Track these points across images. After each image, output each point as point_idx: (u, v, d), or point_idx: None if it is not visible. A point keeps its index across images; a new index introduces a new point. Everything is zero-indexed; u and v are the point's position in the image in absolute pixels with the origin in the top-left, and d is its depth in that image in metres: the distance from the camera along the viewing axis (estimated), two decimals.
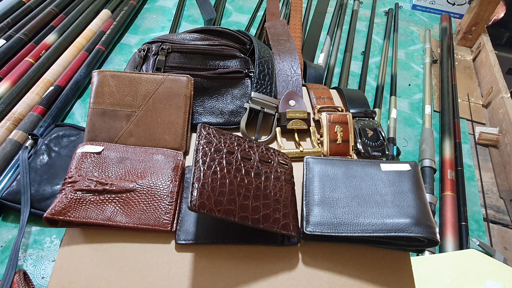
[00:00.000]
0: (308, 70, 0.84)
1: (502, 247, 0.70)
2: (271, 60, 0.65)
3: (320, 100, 0.64)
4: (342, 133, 0.58)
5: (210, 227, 0.46)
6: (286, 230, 0.44)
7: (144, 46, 0.62)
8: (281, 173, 0.49)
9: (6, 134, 0.73)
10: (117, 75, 0.55)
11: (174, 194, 0.48)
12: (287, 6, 1.19)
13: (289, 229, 0.44)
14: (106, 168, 0.48)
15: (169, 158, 0.51)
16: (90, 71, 0.90)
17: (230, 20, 1.18)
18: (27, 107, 0.79)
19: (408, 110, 0.96)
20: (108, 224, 0.44)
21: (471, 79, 1.09)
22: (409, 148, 0.86)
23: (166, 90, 0.55)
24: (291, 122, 0.59)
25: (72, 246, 0.44)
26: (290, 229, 0.44)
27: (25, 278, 0.52)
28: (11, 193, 0.61)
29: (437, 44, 1.18)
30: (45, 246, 0.59)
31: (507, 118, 0.91)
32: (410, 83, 1.04)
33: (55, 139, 0.69)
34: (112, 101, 0.54)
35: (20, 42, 0.94)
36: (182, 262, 0.44)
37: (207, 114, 0.60)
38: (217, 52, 0.62)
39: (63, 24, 1.02)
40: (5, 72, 0.86)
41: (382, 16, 1.29)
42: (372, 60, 1.09)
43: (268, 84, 0.61)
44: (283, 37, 0.74)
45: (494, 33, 1.34)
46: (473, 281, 0.57)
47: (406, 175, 0.49)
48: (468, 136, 0.92)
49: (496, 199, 0.79)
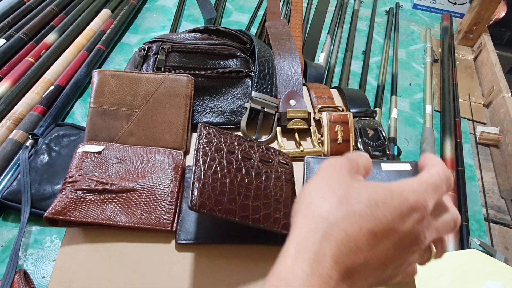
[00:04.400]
0: (309, 69, 0.84)
1: (503, 247, 0.70)
2: (272, 60, 0.64)
3: (320, 100, 0.64)
4: (343, 133, 0.58)
5: (210, 226, 0.46)
6: (287, 230, 0.43)
7: (144, 45, 0.62)
8: (282, 173, 0.49)
9: (6, 133, 0.73)
10: (117, 75, 0.55)
11: (174, 193, 0.47)
12: (287, 6, 1.19)
13: (290, 229, 0.44)
14: (106, 167, 0.48)
15: (169, 158, 0.51)
16: (91, 71, 0.90)
17: (231, 20, 1.17)
18: (27, 106, 0.79)
19: (408, 110, 0.96)
20: (109, 223, 0.44)
21: (472, 78, 1.09)
22: (410, 148, 0.86)
23: (166, 89, 0.55)
24: (291, 122, 0.59)
25: (73, 245, 0.44)
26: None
27: (26, 278, 0.52)
28: (12, 193, 0.61)
29: (438, 44, 1.18)
30: (46, 246, 0.59)
31: (508, 117, 0.90)
32: (411, 83, 1.04)
33: (56, 138, 0.69)
34: (113, 101, 0.54)
35: (20, 42, 0.94)
36: (183, 261, 0.44)
37: (208, 114, 0.60)
38: (217, 52, 0.62)
39: (64, 24, 1.02)
40: (5, 71, 0.86)
41: (382, 15, 1.29)
42: (373, 60, 1.09)
43: (269, 84, 0.61)
44: (283, 37, 0.73)
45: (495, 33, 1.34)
46: (474, 281, 0.57)
47: (407, 175, 0.49)
48: (469, 136, 0.92)
49: (497, 199, 0.79)
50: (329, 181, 0.28)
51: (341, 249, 0.24)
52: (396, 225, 0.25)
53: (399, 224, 0.25)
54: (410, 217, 0.26)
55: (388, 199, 0.26)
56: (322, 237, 0.25)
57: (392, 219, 0.25)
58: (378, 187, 0.27)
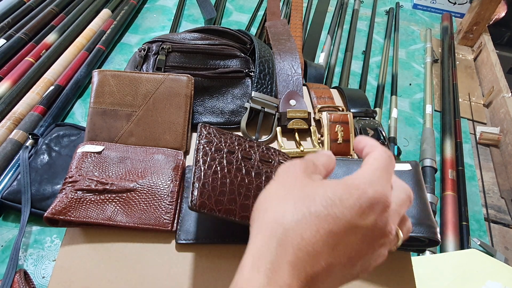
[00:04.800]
0: (309, 69, 0.84)
1: (503, 247, 0.70)
2: (272, 60, 0.64)
3: (320, 100, 0.64)
4: (343, 133, 0.58)
5: (210, 226, 0.46)
6: None
7: (144, 45, 0.62)
8: None
9: (6, 133, 0.73)
10: (118, 75, 0.55)
11: (174, 193, 0.47)
12: (287, 6, 1.19)
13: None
14: (106, 167, 0.48)
15: (169, 158, 0.51)
16: (91, 71, 0.90)
17: (231, 20, 1.18)
18: (27, 106, 0.79)
19: (409, 110, 0.96)
20: (109, 223, 0.44)
21: (472, 78, 1.09)
22: (410, 148, 0.86)
23: (166, 89, 0.55)
24: (291, 122, 0.59)
25: (73, 245, 0.44)
26: None
27: (26, 278, 0.52)
28: (12, 193, 0.61)
29: (438, 44, 1.18)
30: (46, 246, 0.59)
31: (508, 117, 0.90)
32: (411, 83, 1.04)
33: (56, 138, 0.69)
34: (113, 101, 0.54)
35: (21, 42, 0.94)
36: (183, 261, 0.44)
37: (208, 114, 0.60)
38: (217, 52, 0.62)
39: (64, 24, 1.02)
40: (5, 71, 0.86)
41: (383, 15, 1.29)
42: (373, 60, 1.09)
43: (269, 84, 0.61)
44: (283, 37, 0.73)
45: (495, 33, 1.34)
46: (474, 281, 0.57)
47: (407, 175, 0.49)
48: (469, 136, 0.92)
49: (497, 199, 0.79)
50: (284, 184, 0.27)
51: (298, 255, 0.23)
52: (357, 221, 0.24)
53: (360, 220, 0.24)
54: (371, 211, 0.24)
55: (345, 195, 0.24)
56: (278, 244, 0.23)
57: (351, 216, 0.24)
58: (333, 184, 0.25)
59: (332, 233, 0.23)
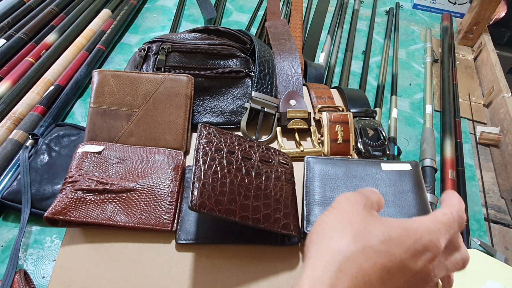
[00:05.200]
0: (309, 69, 0.84)
1: (503, 247, 0.70)
2: (272, 60, 0.64)
3: (320, 100, 0.64)
4: (343, 133, 0.58)
5: (210, 226, 0.46)
6: (287, 230, 0.43)
7: (144, 45, 0.62)
8: (282, 173, 0.49)
9: (6, 133, 0.73)
10: (118, 75, 0.55)
11: (174, 193, 0.47)
12: (287, 6, 1.19)
13: (290, 229, 0.44)
14: (106, 167, 0.48)
15: (169, 158, 0.51)
16: (91, 71, 0.90)
17: (231, 20, 1.17)
18: (27, 106, 0.79)
19: (409, 110, 0.96)
20: (109, 223, 0.44)
21: (472, 78, 1.09)
22: (410, 148, 0.86)
23: (166, 89, 0.55)
24: (291, 122, 0.59)
25: (73, 245, 0.44)
26: (291, 229, 0.44)
27: (26, 278, 0.52)
28: (12, 193, 0.61)
29: (438, 44, 1.18)
30: (46, 246, 0.59)
31: (508, 117, 0.90)
32: (411, 83, 1.04)
33: (56, 138, 0.69)
34: (113, 101, 0.54)
35: (20, 42, 0.94)
36: (183, 261, 0.44)
37: (208, 114, 0.60)
38: (217, 52, 0.62)
39: (64, 24, 1.02)
40: (5, 71, 0.86)
41: (383, 15, 1.29)
42: (373, 60, 1.09)
43: (269, 84, 0.61)
44: (283, 37, 0.73)
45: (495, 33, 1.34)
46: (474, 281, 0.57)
47: (407, 175, 0.49)
48: (469, 136, 0.92)
49: (497, 199, 0.79)
50: (344, 215, 0.29)
51: (356, 283, 0.24)
52: (409, 263, 0.26)
53: (412, 262, 0.26)
54: (422, 256, 0.27)
55: (403, 236, 0.27)
56: (338, 270, 0.25)
57: (405, 257, 0.26)
58: (394, 223, 0.27)
59: (387, 268, 0.25)
